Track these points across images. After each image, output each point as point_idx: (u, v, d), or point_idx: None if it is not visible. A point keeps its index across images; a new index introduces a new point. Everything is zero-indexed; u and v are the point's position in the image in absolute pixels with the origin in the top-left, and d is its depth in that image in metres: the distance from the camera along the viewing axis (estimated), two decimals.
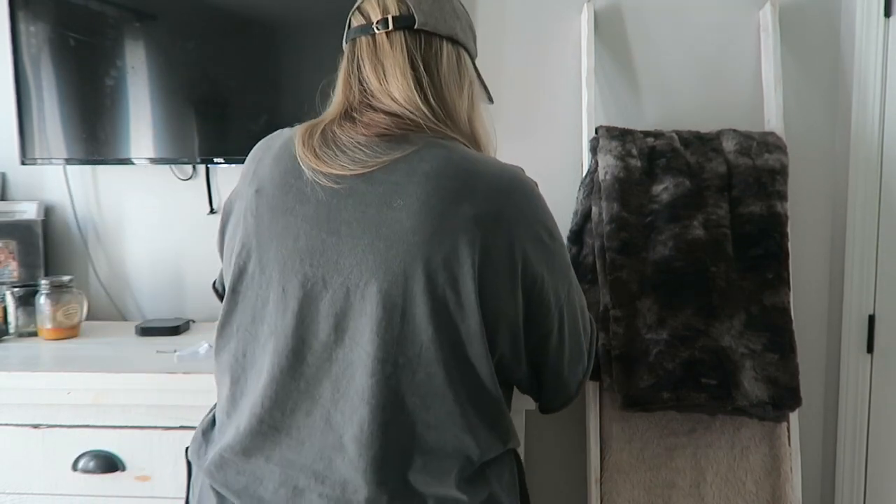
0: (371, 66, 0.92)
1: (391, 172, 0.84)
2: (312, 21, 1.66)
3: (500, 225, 0.84)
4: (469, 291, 0.81)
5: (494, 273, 0.83)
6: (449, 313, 0.82)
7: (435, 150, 0.86)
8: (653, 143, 1.54)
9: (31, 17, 1.69)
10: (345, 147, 0.86)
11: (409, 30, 0.92)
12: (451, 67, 0.95)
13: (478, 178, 0.85)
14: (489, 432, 0.87)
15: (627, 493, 1.55)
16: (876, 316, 1.62)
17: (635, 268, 1.47)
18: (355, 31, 0.95)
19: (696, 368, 1.42)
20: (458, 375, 0.83)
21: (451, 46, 0.96)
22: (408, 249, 0.81)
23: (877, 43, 1.59)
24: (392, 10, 0.93)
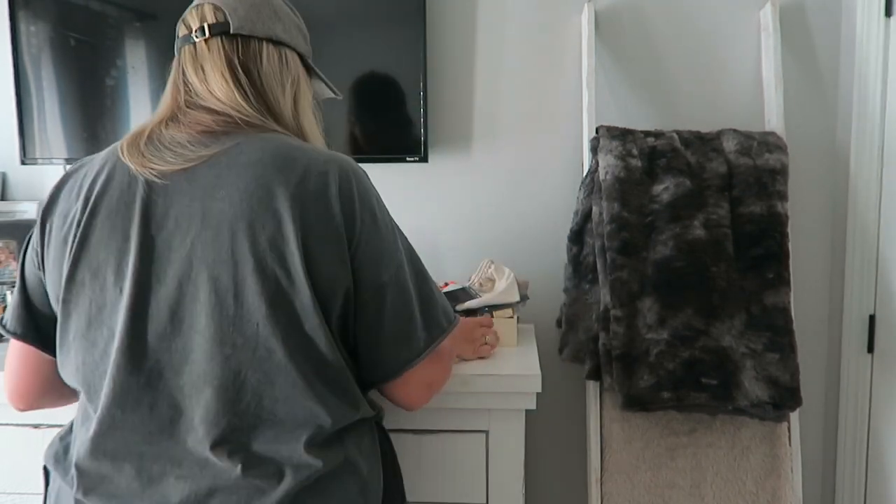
0: (193, 71, 0.98)
1: (212, 166, 0.89)
2: (313, 21, 1.65)
3: (320, 201, 0.88)
4: (297, 267, 0.86)
5: (321, 246, 0.88)
6: (281, 290, 0.86)
7: (255, 142, 0.92)
8: (653, 143, 1.54)
9: (31, 16, 1.69)
10: (168, 145, 0.92)
11: (225, 35, 0.98)
12: (271, 67, 1.01)
13: (295, 162, 0.90)
14: (339, 400, 0.91)
15: (628, 493, 1.55)
16: (876, 316, 1.62)
17: (636, 268, 1.47)
18: (179, 41, 1.01)
19: (696, 368, 1.42)
20: (297, 349, 0.87)
21: (271, 47, 1.01)
22: (233, 235, 0.86)
23: (877, 43, 1.59)
24: (209, 18, 0.99)
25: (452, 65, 1.74)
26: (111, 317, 0.89)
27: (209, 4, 0.99)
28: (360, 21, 1.65)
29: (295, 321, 0.87)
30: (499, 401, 1.25)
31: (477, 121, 1.75)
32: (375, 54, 1.65)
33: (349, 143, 1.69)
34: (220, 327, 0.86)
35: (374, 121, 1.68)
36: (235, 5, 0.99)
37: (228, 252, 0.86)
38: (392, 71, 1.65)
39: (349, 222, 0.90)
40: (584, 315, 1.56)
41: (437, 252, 1.78)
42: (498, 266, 1.50)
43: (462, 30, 1.73)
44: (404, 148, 1.67)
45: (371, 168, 1.75)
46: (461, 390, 1.24)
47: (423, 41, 1.64)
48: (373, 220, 0.93)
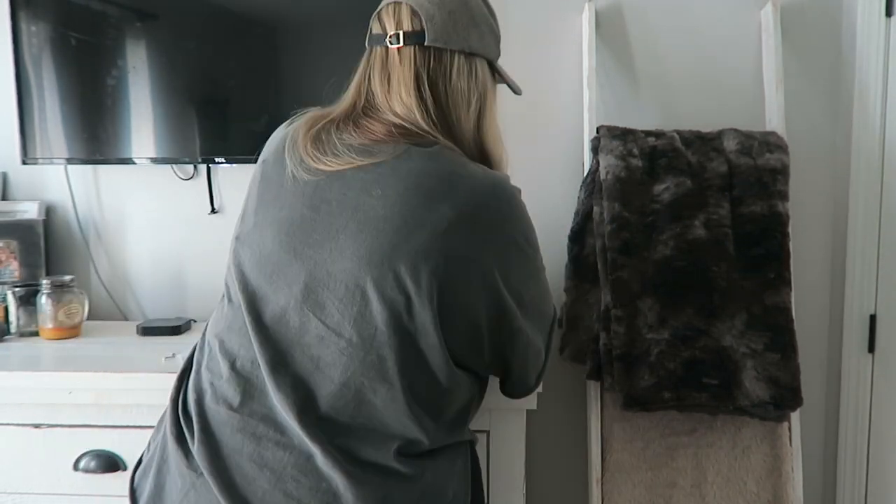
0: (379, 79, 0.97)
1: (378, 165, 0.90)
2: (313, 21, 1.66)
3: (475, 227, 0.88)
4: (429, 285, 0.85)
5: (460, 272, 0.87)
6: (407, 302, 0.85)
7: (423, 151, 0.91)
8: (654, 143, 1.54)
9: (32, 16, 1.69)
10: (336, 150, 0.92)
11: (419, 45, 0.96)
12: (460, 82, 0.99)
13: (459, 181, 0.89)
14: (436, 422, 0.91)
15: (628, 493, 1.55)
16: (877, 316, 1.62)
17: (636, 267, 1.47)
18: (373, 38, 1.01)
19: (697, 368, 1.42)
20: (408, 363, 0.87)
21: (462, 59, 0.99)
22: (376, 236, 0.86)
23: (878, 42, 1.59)
24: (405, 25, 0.97)
25: None
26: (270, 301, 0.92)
27: (407, 6, 0.97)
28: (361, 21, 1.64)
29: (412, 335, 0.86)
30: (500, 400, 1.25)
31: None
32: None
33: None
34: (342, 318, 0.86)
35: None
36: (433, 12, 0.97)
37: (367, 250, 0.86)
38: None
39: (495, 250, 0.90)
40: (584, 315, 1.56)
41: None
42: None
43: None
44: None
45: None
46: None
47: None
48: (520, 247, 0.94)
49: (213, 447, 0.89)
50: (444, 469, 0.93)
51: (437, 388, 0.90)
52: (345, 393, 0.87)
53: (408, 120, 0.94)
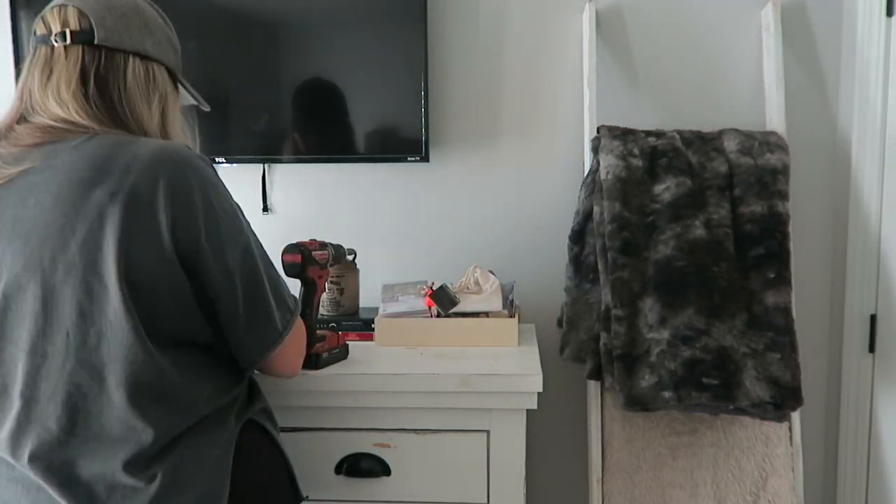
0: (40, 76, 0.94)
1: (28, 174, 0.87)
2: (313, 21, 1.66)
3: (140, 197, 0.85)
4: (110, 271, 0.84)
5: (139, 247, 0.85)
6: (93, 296, 0.84)
7: (71, 144, 0.89)
8: (654, 143, 1.54)
9: (32, 16, 1.68)
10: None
11: (88, 45, 0.95)
12: (137, 82, 0.98)
13: (116, 159, 0.87)
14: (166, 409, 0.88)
15: (629, 493, 1.55)
16: (878, 316, 1.62)
17: (637, 267, 1.47)
18: (36, 39, 0.97)
19: (697, 368, 1.42)
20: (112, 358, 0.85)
21: (138, 62, 0.98)
22: (43, 243, 0.84)
23: (878, 42, 1.59)
24: (72, 24, 0.94)
25: (453, 64, 1.74)
26: None
27: (74, 8, 0.95)
28: (361, 20, 1.65)
29: (107, 328, 0.85)
30: (500, 400, 1.25)
31: (478, 121, 1.75)
32: (377, 53, 1.65)
33: (350, 142, 1.69)
34: (30, 336, 0.85)
35: (374, 120, 1.68)
36: (103, 14, 0.95)
37: (37, 259, 0.84)
38: (393, 70, 1.65)
39: (176, 215, 0.87)
40: (585, 315, 1.56)
41: (438, 252, 1.78)
42: (483, 272, 1.51)
43: (463, 29, 1.73)
44: (405, 148, 1.67)
45: (372, 168, 1.76)
46: (462, 390, 1.24)
47: (424, 41, 1.64)
48: (208, 208, 0.90)
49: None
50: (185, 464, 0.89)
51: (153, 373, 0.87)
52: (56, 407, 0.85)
53: (62, 117, 0.91)
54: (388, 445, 1.28)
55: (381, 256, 1.78)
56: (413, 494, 1.28)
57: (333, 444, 1.28)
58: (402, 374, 1.25)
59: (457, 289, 1.50)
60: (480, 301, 1.47)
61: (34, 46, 0.97)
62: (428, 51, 1.65)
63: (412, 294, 1.51)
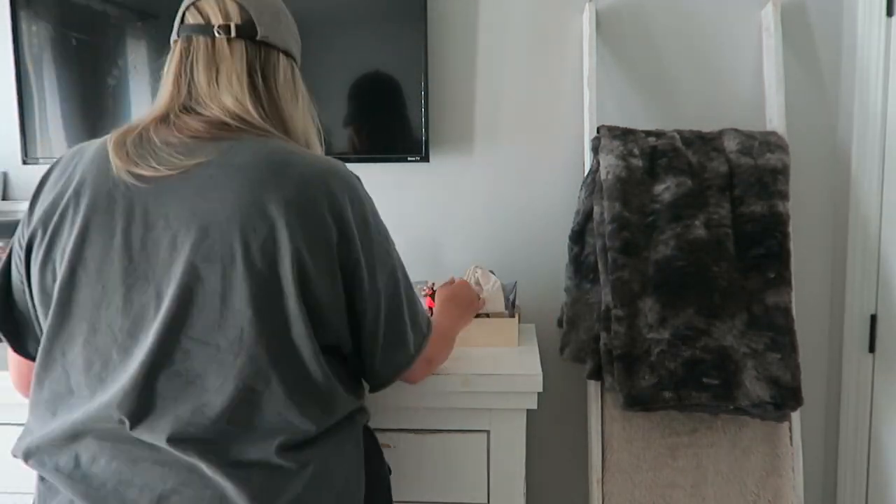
0: (205, 69, 0.93)
1: (206, 167, 0.87)
2: (313, 21, 1.66)
3: (313, 209, 0.87)
4: (287, 274, 0.84)
5: (312, 254, 0.86)
6: (270, 296, 0.85)
7: (248, 145, 0.89)
8: (654, 143, 1.54)
9: (32, 16, 1.69)
10: (156, 149, 0.88)
11: (250, 39, 0.95)
12: (286, 80, 0.99)
13: (290, 168, 0.88)
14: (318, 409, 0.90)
15: (629, 493, 1.55)
16: (878, 316, 1.62)
17: (637, 267, 1.47)
18: (191, 28, 0.95)
19: (697, 368, 1.42)
20: (281, 357, 0.86)
21: (286, 60, 1.00)
22: (222, 238, 0.84)
23: (878, 42, 1.59)
24: (234, 18, 0.94)
25: (453, 64, 1.74)
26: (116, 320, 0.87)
27: (233, 1, 0.95)
28: (361, 20, 1.65)
29: (282, 328, 0.86)
30: (500, 400, 1.25)
31: (478, 120, 1.75)
32: (376, 54, 1.65)
33: (350, 142, 1.69)
34: (203, 328, 0.84)
35: (375, 120, 1.69)
36: (261, 10, 0.96)
37: (217, 254, 0.84)
38: (393, 70, 1.65)
39: (342, 231, 0.89)
40: (585, 315, 1.56)
41: (438, 252, 1.78)
42: (484, 272, 1.51)
43: (463, 29, 1.73)
44: (405, 148, 1.67)
45: (372, 168, 1.76)
46: (462, 390, 1.24)
47: (424, 40, 1.64)
48: (366, 229, 0.92)
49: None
50: (331, 456, 0.92)
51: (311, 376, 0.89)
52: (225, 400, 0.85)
53: (238, 114, 0.91)
54: (388, 445, 1.27)
55: None
56: (413, 494, 1.28)
57: None
58: None
59: None
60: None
61: (186, 35, 0.95)
62: (428, 51, 1.65)
63: None
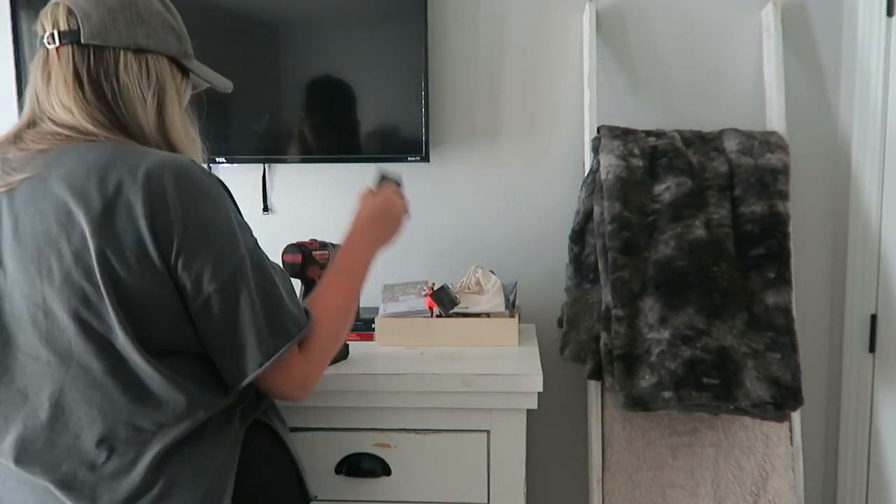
0: (41, 78, 0.94)
1: (30, 181, 0.88)
2: (314, 21, 1.66)
3: (127, 212, 0.85)
4: (100, 283, 0.84)
5: (124, 259, 0.85)
6: (90, 306, 0.85)
7: (74, 153, 0.89)
8: (655, 143, 1.54)
9: (33, 16, 1.69)
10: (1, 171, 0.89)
11: (76, 44, 0.94)
12: (129, 78, 0.96)
13: (109, 171, 0.86)
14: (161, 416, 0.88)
15: (629, 493, 1.55)
16: (878, 315, 1.62)
17: (637, 267, 1.47)
18: (38, 41, 0.96)
19: (697, 368, 1.42)
20: (114, 366, 0.86)
21: (130, 56, 0.96)
22: (40, 251, 0.85)
23: (879, 42, 1.59)
24: (62, 25, 0.93)
25: (453, 64, 1.74)
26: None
27: (63, 6, 0.94)
28: (361, 20, 1.65)
29: (106, 337, 0.86)
30: (500, 400, 1.25)
31: (478, 120, 1.75)
32: (377, 53, 1.65)
33: (350, 142, 1.69)
34: (34, 344, 0.86)
35: (375, 120, 1.69)
36: (90, 11, 0.94)
37: (36, 268, 0.85)
38: (393, 70, 1.65)
39: (163, 232, 0.86)
40: (585, 315, 1.56)
41: (438, 252, 1.78)
42: (484, 272, 1.51)
43: (463, 29, 1.73)
44: (405, 147, 1.67)
45: (372, 168, 1.76)
46: (462, 390, 1.24)
47: (424, 40, 1.64)
48: (198, 227, 0.88)
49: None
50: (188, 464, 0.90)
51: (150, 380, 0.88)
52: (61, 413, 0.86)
53: (66, 122, 0.91)
54: (388, 445, 1.28)
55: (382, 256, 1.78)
56: (413, 494, 1.28)
57: (333, 444, 1.28)
58: (403, 374, 1.26)
59: (458, 289, 1.50)
60: (482, 301, 1.47)
61: (37, 48, 0.96)
62: (428, 51, 1.65)
63: (412, 294, 1.51)
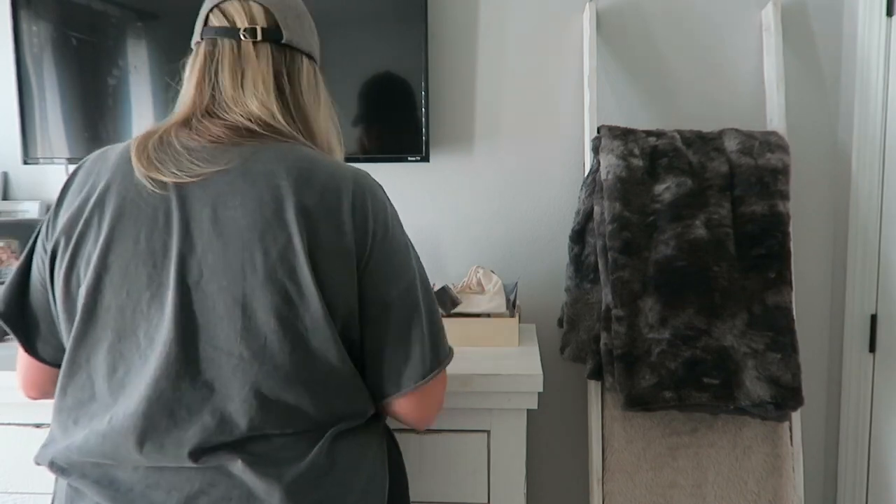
0: (230, 72, 0.92)
1: (226, 174, 0.86)
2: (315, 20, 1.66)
3: (331, 216, 0.86)
4: (308, 281, 0.84)
5: (330, 261, 0.86)
6: (291, 304, 0.84)
7: (271, 151, 0.89)
8: (655, 143, 1.54)
9: (33, 16, 1.69)
10: (176, 154, 0.87)
11: (275, 43, 0.95)
12: (310, 83, 0.99)
13: (311, 174, 0.87)
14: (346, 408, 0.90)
15: (629, 493, 1.55)
16: (878, 315, 1.62)
17: (637, 267, 1.47)
18: (216, 31, 0.94)
19: (698, 368, 1.42)
20: (305, 364, 0.86)
21: (309, 63, 0.99)
22: (244, 246, 0.84)
23: (879, 42, 1.59)
24: (260, 21, 0.94)
25: (454, 64, 1.74)
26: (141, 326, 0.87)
27: (257, 4, 0.94)
28: (361, 20, 1.65)
29: (304, 336, 0.85)
30: (500, 400, 1.25)
31: (478, 120, 1.75)
32: (377, 54, 1.65)
33: (350, 142, 1.69)
34: (227, 337, 0.84)
35: (375, 120, 1.68)
36: (286, 13, 0.96)
37: (239, 262, 0.84)
38: (394, 70, 1.65)
39: (360, 238, 0.88)
40: (585, 315, 1.56)
41: (438, 252, 1.78)
42: (486, 272, 1.51)
43: (464, 29, 1.73)
44: (406, 148, 1.67)
45: (373, 168, 1.75)
46: (462, 390, 1.24)
47: (424, 41, 1.64)
48: (384, 237, 0.91)
49: None
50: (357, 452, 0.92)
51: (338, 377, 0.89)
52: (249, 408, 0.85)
53: (263, 118, 0.91)
54: None
55: None
56: (413, 494, 1.28)
57: None
58: None
59: (459, 289, 1.50)
60: (483, 301, 1.47)
61: (210, 38, 0.94)
62: (428, 51, 1.65)
63: None
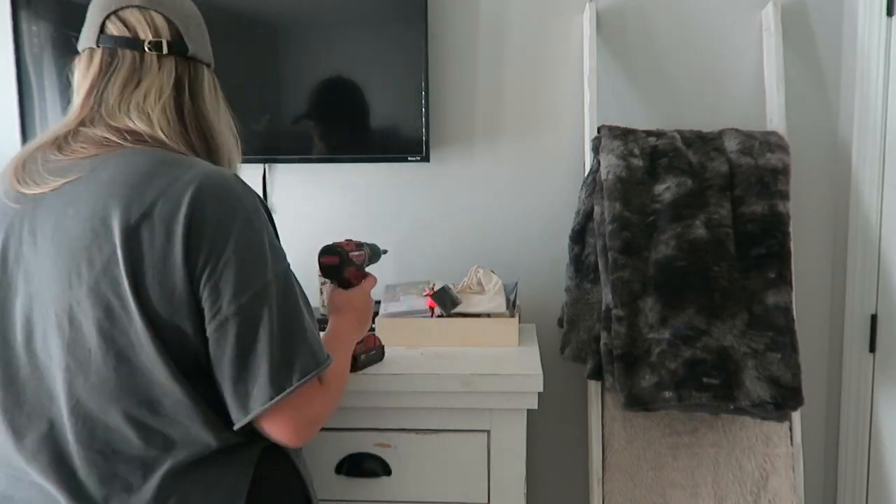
0: (122, 84, 0.91)
1: (76, 183, 0.85)
2: (314, 21, 1.66)
3: (162, 225, 0.82)
4: (128, 295, 0.81)
5: (154, 274, 0.82)
6: (114, 317, 0.82)
7: (119, 158, 0.86)
8: (655, 143, 1.54)
9: (33, 16, 1.69)
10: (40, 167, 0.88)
11: (181, 55, 0.94)
12: (211, 92, 0.99)
13: (154, 179, 0.84)
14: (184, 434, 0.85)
15: (629, 493, 1.55)
16: (878, 315, 1.62)
17: (637, 267, 1.47)
18: (115, 40, 0.92)
19: (698, 368, 1.42)
20: (130, 379, 0.84)
21: (209, 72, 0.99)
22: (72, 255, 0.83)
23: (879, 42, 1.59)
24: (164, 34, 0.93)
25: (454, 64, 1.74)
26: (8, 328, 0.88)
27: (160, 14, 0.92)
28: (361, 20, 1.65)
29: (128, 351, 0.83)
30: (500, 400, 1.25)
31: (478, 120, 1.75)
32: (377, 54, 1.65)
33: (350, 142, 1.69)
34: (58, 347, 0.84)
35: (375, 120, 1.68)
36: (187, 23, 0.94)
37: (66, 272, 0.83)
38: (394, 70, 1.65)
39: (194, 247, 0.82)
40: (585, 315, 1.56)
41: (438, 252, 1.78)
42: (486, 272, 1.51)
43: (464, 29, 1.73)
44: (406, 148, 1.67)
45: (373, 168, 1.76)
46: (462, 390, 1.24)
47: (424, 41, 1.64)
48: (226, 244, 0.83)
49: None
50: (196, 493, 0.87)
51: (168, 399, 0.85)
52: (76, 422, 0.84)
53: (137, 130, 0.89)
54: (388, 445, 1.28)
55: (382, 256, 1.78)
56: (413, 494, 1.29)
57: (334, 444, 1.28)
58: (403, 374, 1.26)
59: (459, 289, 1.50)
60: (483, 301, 1.47)
61: (109, 48, 0.92)
62: (428, 51, 1.65)
63: (413, 294, 1.51)
